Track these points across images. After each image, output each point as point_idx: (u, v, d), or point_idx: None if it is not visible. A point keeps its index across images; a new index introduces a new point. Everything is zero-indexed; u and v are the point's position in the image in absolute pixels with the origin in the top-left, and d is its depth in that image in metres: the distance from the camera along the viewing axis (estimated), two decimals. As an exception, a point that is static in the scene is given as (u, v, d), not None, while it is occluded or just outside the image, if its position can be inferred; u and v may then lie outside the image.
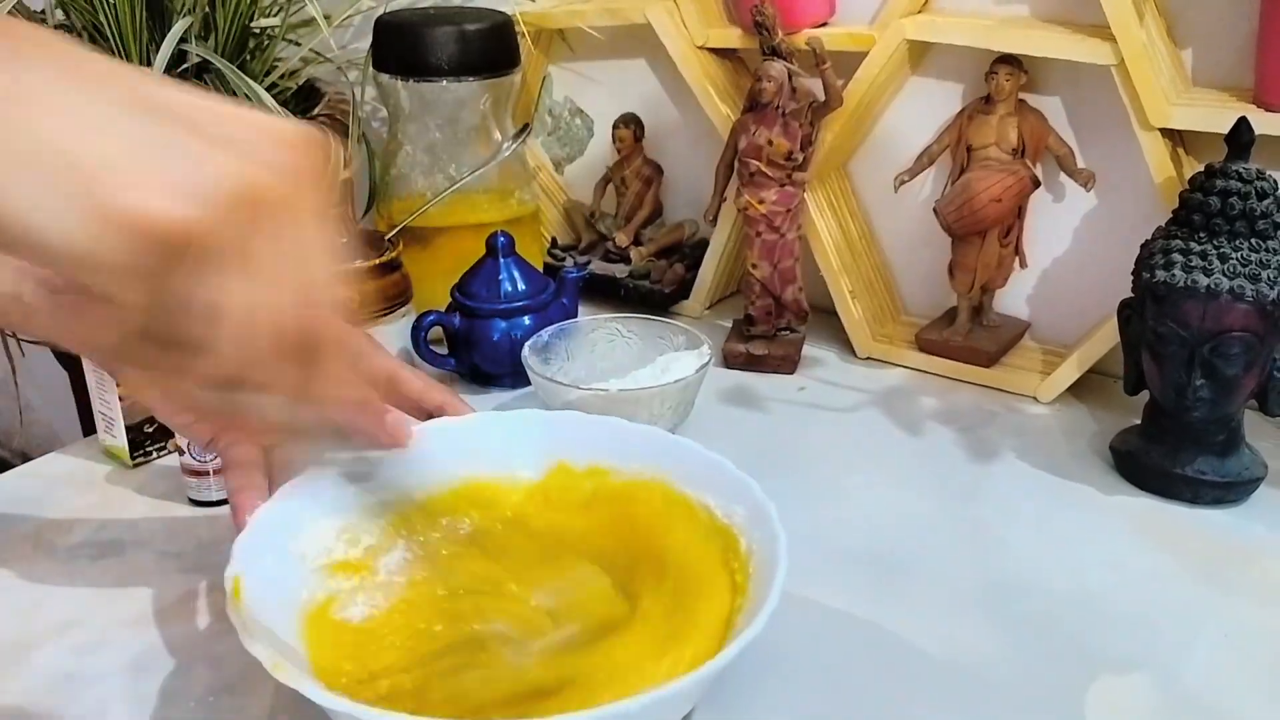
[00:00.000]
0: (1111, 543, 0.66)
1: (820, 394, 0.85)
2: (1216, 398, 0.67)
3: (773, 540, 0.49)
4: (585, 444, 0.59)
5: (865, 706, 0.52)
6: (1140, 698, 0.54)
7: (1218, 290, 0.65)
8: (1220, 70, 0.78)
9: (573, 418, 0.61)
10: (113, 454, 0.73)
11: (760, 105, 0.83)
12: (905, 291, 0.97)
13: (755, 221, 0.85)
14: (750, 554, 0.51)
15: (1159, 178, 0.76)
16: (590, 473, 0.59)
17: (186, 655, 0.55)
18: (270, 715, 0.51)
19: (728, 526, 0.53)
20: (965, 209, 0.82)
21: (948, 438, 0.78)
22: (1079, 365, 0.81)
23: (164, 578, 0.62)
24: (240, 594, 0.46)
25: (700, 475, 0.56)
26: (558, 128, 1.09)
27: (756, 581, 0.49)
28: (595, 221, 1.05)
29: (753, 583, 0.49)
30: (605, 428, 0.60)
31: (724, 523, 0.53)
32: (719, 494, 0.55)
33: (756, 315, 0.88)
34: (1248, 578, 0.63)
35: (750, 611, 0.46)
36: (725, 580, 0.51)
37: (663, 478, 0.57)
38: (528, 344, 0.75)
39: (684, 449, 0.57)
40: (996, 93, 0.81)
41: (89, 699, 0.52)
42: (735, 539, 0.52)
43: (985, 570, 0.63)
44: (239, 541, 0.49)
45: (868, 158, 0.94)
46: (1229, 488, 0.68)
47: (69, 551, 0.64)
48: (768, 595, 0.45)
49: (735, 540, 0.52)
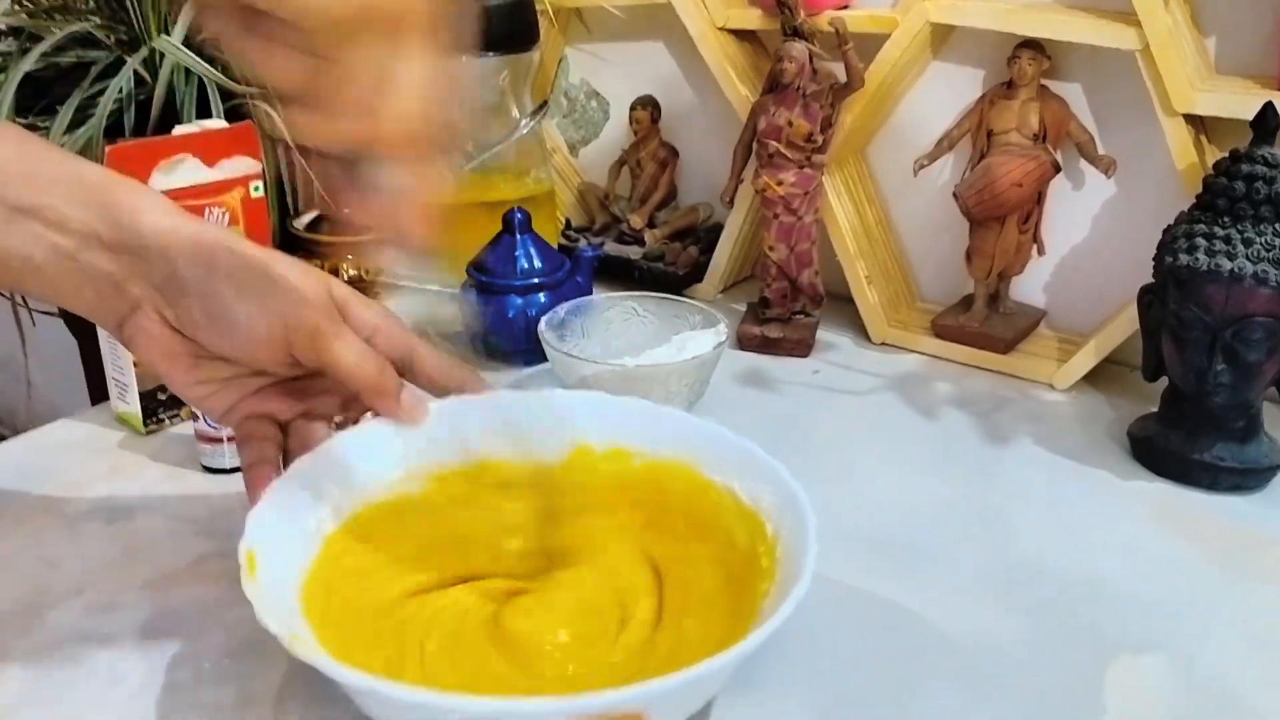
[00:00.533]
0: (1128, 528, 0.66)
1: (834, 377, 0.85)
2: (1237, 383, 0.66)
3: (803, 525, 0.48)
4: (606, 425, 0.58)
5: (880, 687, 0.52)
6: (1156, 682, 0.53)
7: (1241, 274, 0.64)
8: (1243, 59, 0.77)
9: (594, 398, 0.60)
10: (125, 420, 0.72)
11: (781, 86, 0.82)
12: (921, 278, 0.96)
13: (773, 203, 0.85)
14: (778, 538, 0.50)
15: (1181, 164, 0.75)
16: (611, 455, 0.58)
17: (199, 619, 0.55)
18: (283, 681, 0.51)
19: (754, 511, 0.52)
20: (985, 193, 0.81)
21: (962, 423, 0.78)
22: (1096, 353, 0.81)
23: (177, 543, 0.61)
24: (255, 568, 0.46)
25: (726, 459, 0.55)
26: (573, 110, 1.09)
27: (784, 566, 0.48)
28: (610, 204, 1.04)
29: (780, 567, 0.48)
30: (627, 409, 0.58)
31: (750, 507, 0.53)
32: (745, 478, 0.54)
33: (772, 298, 0.88)
34: (1265, 565, 0.63)
35: (777, 595, 0.46)
36: (751, 565, 0.51)
37: (686, 461, 0.56)
38: (544, 319, 0.75)
39: (709, 432, 0.56)
40: (1019, 77, 0.81)
41: (100, 660, 0.52)
42: (762, 524, 0.51)
43: (1000, 554, 0.63)
44: (253, 515, 0.49)
45: (886, 143, 0.93)
46: (1248, 474, 0.68)
47: (81, 516, 0.64)
48: (798, 579, 0.44)
49: (762, 525, 0.51)
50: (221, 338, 0.50)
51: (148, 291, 0.49)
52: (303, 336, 0.50)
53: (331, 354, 0.50)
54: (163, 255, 0.49)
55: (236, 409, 0.54)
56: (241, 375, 0.53)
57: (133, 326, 0.50)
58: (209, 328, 0.50)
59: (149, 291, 0.49)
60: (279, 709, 0.49)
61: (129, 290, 0.49)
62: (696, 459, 0.56)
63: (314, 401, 0.55)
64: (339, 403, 0.56)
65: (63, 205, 0.48)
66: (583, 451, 0.58)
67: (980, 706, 0.51)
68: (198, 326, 0.50)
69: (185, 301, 0.49)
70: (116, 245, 0.49)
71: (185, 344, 0.51)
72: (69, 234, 0.48)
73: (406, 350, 0.55)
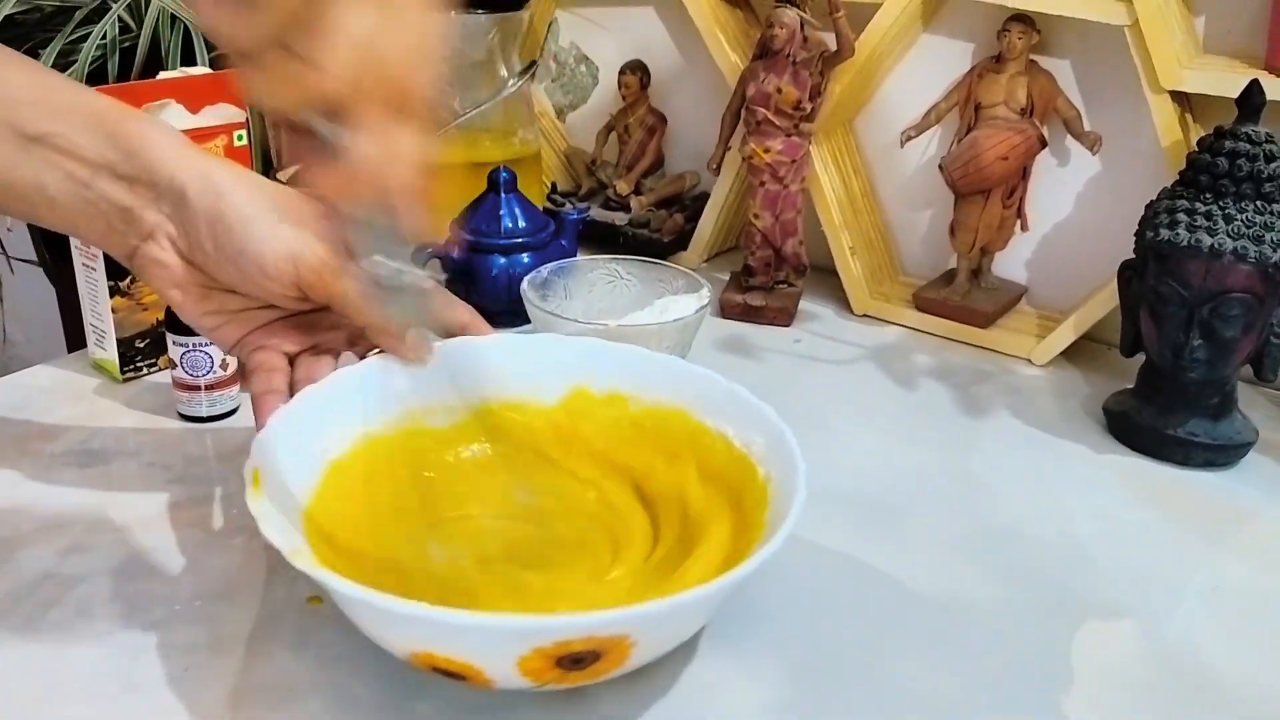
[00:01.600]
0: (1101, 497, 0.66)
1: (815, 347, 0.85)
2: (1213, 359, 0.67)
3: (792, 468, 0.49)
4: (606, 370, 0.59)
5: (854, 647, 0.52)
6: (1125, 645, 0.54)
7: (1221, 250, 0.65)
8: (1231, 39, 0.78)
9: (594, 344, 0.60)
10: (103, 367, 0.72)
11: (771, 52, 0.82)
12: (905, 251, 0.96)
13: (759, 171, 0.85)
14: (769, 481, 0.50)
15: (1166, 141, 0.75)
16: (609, 399, 0.59)
17: (172, 562, 0.55)
18: (255, 623, 0.51)
19: (745, 455, 0.53)
20: (971, 166, 0.82)
21: (941, 393, 0.78)
22: (1075, 329, 0.81)
23: (151, 488, 0.61)
24: (260, 484, 0.46)
25: (719, 405, 0.56)
26: (562, 74, 1.08)
27: (774, 508, 0.49)
28: (596, 169, 1.04)
29: (769, 509, 0.49)
30: (627, 355, 0.59)
31: (741, 451, 0.53)
32: (736, 423, 0.54)
33: (756, 266, 0.88)
34: (1236, 538, 0.63)
35: (766, 534, 0.46)
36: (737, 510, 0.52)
37: (682, 406, 0.57)
38: (527, 279, 0.75)
39: (704, 378, 0.57)
40: (1008, 51, 0.81)
41: (71, 599, 0.52)
42: (753, 467, 0.52)
43: (975, 519, 0.63)
44: (260, 437, 0.49)
45: (874, 114, 0.93)
46: (1220, 450, 0.69)
47: (55, 459, 0.63)
48: (785, 517, 0.45)
49: (753, 469, 0.52)
50: (229, 268, 0.50)
51: (160, 220, 0.49)
52: (310, 270, 0.50)
53: (340, 287, 0.50)
54: (171, 183, 0.49)
55: (245, 341, 0.53)
56: (251, 308, 0.53)
57: (144, 256, 0.50)
58: (217, 257, 0.50)
59: (161, 220, 0.49)
60: (251, 650, 0.49)
61: (142, 219, 0.49)
62: (691, 404, 0.57)
63: (322, 336, 0.55)
64: (346, 338, 0.56)
65: (75, 134, 0.48)
66: (581, 394, 0.59)
67: (953, 667, 0.51)
68: (207, 256, 0.50)
69: (195, 231, 0.49)
70: (129, 175, 0.48)
71: (196, 274, 0.51)
72: (82, 162, 0.48)
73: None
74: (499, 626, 0.39)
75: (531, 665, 0.40)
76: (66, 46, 0.85)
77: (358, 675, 0.48)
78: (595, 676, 0.43)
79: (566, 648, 0.40)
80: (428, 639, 0.41)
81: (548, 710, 0.47)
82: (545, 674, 0.41)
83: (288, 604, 0.52)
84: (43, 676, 0.47)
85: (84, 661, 0.48)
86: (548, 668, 0.41)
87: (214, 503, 0.60)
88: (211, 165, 0.50)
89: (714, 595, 0.42)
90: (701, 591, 0.41)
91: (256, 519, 0.43)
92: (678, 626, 0.46)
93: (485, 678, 0.42)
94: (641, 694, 0.48)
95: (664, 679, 0.49)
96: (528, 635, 0.40)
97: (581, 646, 0.40)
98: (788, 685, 0.49)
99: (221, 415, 0.67)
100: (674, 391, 0.57)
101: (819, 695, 0.49)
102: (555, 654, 0.40)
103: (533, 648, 0.40)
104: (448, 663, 0.41)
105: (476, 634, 0.40)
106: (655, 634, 0.44)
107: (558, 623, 0.40)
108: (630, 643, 0.41)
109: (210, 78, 0.72)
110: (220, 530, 0.57)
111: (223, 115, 0.71)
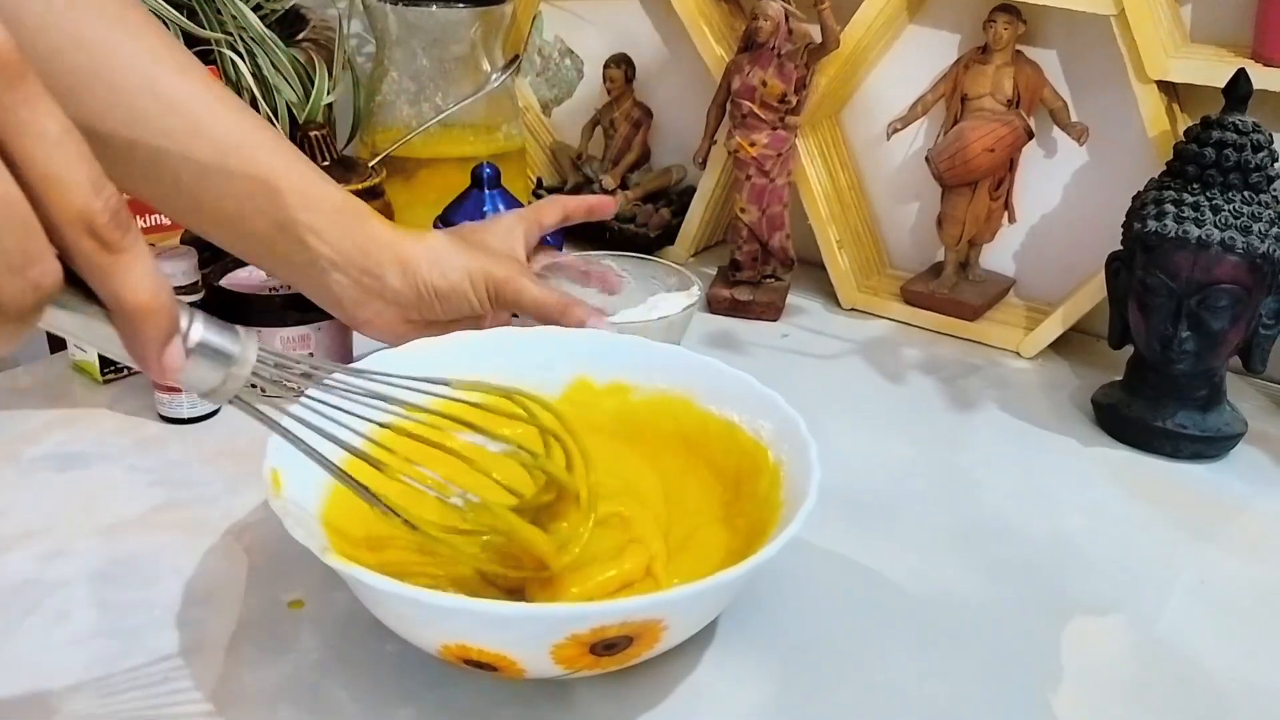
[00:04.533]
0: (1090, 491, 0.66)
1: (803, 341, 0.84)
2: (1201, 350, 0.66)
3: (804, 449, 0.49)
4: (607, 360, 0.59)
5: (844, 643, 0.52)
6: (1114, 639, 0.53)
7: (1208, 241, 0.64)
8: (1218, 27, 0.77)
9: (593, 334, 0.61)
10: (82, 369, 0.71)
11: (756, 45, 0.82)
12: (892, 245, 0.96)
13: (745, 165, 0.84)
14: (780, 464, 0.51)
15: (1153, 131, 0.75)
16: (612, 389, 0.59)
17: (152, 567, 0.54)
18: (236, 627, 0.50)
19: (755, 439, 0.53)
20: (958, 158, 0.81)
21: (929, 387, 0.78)
22: (1063, 321, 0.81)
23: (132, 491, 0.60)
24: (280, 485, 0.46)
25: (725, 391, 0.56)
26: (547, 68, 1.07)
27: (788, 488, 0.49)
28: (582, 164, 1.03)
29: (784, 489, 0.49)
30: (628, 345, 0.59)
31: (752, 436, 0.53)
32: (743, 409, 0.54)
33: (743, 260, 0.88)
34: (1225, 530, 0.63)
35: (786, 515, 0.46)
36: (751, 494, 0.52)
37: (686, 394, 0.57)
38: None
39: (706, 366, 0.57)
40: (994, 42, 0.80)
41: (50, 605, 0.51)
42: (765, 451, 0.52)
43: (963, 513, 0.63)
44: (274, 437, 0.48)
45: (861, 107, 0.93)
46: (1209, 442, 0.68)
47: (34, 462, 0.62)
48: (805, 497, 0.45)
49: (764, 453, 0.52)
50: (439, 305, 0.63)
51: (386, 305, 0.62)
52: (502, 285, 0.63)
53: (530, 294, 0.63)
54: (399, 272, 0.61)
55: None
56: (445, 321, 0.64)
57: (366, 326, 0.64)
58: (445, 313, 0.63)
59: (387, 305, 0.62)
60: (231, 655, 0.48)
61: (367, 304, 0.62)
62: (695, 391, 0.57)
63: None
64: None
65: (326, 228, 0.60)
66: (583, 385, 0.59)
67: (942, 664, 0.51)
68: (436, 314, 0.63)
69: (430, 305, 0.63)
70: (362, 268, 0.61)
71: (411, 327, 0.63)
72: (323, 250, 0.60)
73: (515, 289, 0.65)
74: (537, 615, 0.40)
75: (566, 653, 0.40)
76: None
77: (339, 681, 0.47)
78: (626, 661, 0.43)
79: (602, 634, 0.40)
80: (463, 631, 0.41)
81: (538, 715, 0.46)
82: (579, 660, 0.41)
83: (269, 608, 0.52)
84: (20, 685, 0.46)
85: (63, 670, 0.47)
86: (581, 654, 0.41)
87: (194, 505, 0.59)
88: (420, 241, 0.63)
89: (743, 576, 0.42)
90: (732, 574, 0.41)
91: (281, 518, 0.43)
92: (709, 608, 0.46)
93: (519, 668, 0.42)
94: (631, 696, 0.47)
95: (653, 681, 0.48)
96: (566, 622, 0.40)
97: (617, 632, 0.40)
98: (777, 684, 0.49)
99: (202, 417, 0.67)
100: (676, 379, 0.57)
101: (808, 694, 0.48)
102: (591, 640, 0.40)
103: (569, 634, 0.40)
104: (481, 654, 0.41)
105: (514, 624, 0.40)
106: (687, 616, 0.44)
107: (595, 610, 0.40)
108: (663, 626, 0.42)
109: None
110: (201, 533, 0.57)
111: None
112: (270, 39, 0.88)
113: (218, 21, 0.88)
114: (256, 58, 0.89)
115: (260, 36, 0.88)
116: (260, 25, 0.88)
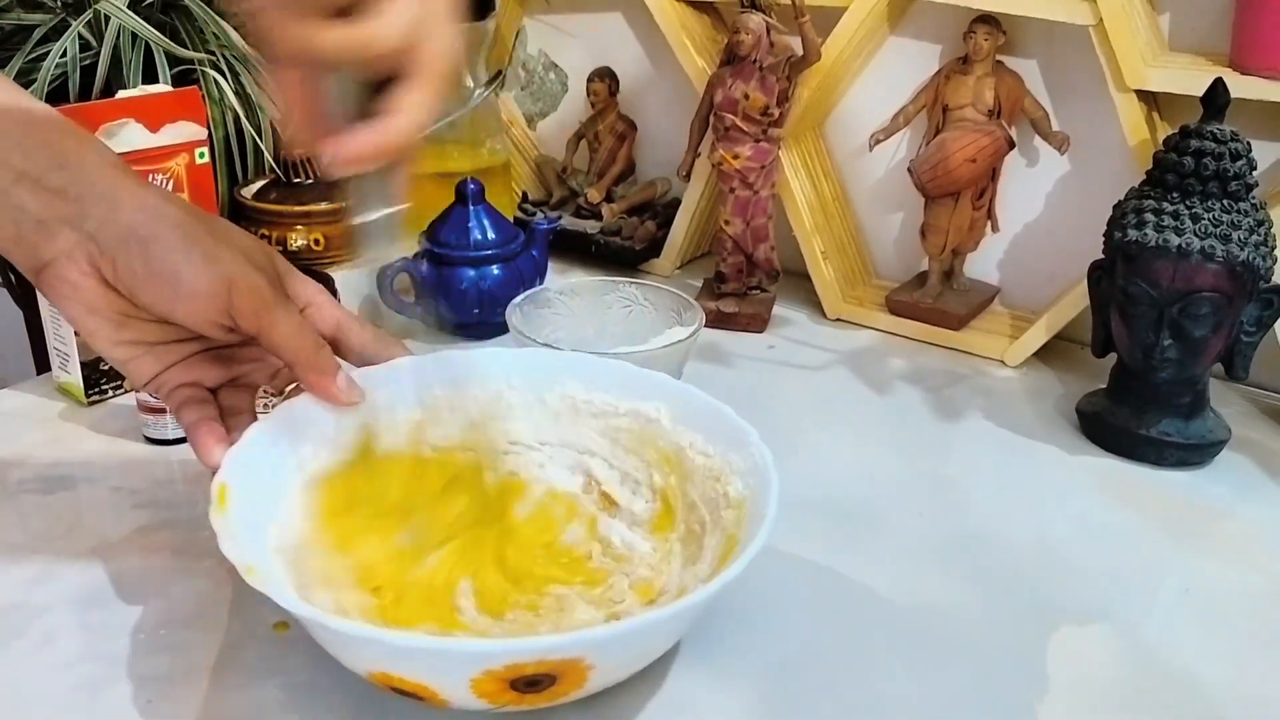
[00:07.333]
0: (1075, 499, 0.66)
1: (789, 352, 0.84)
2: (1184, 358, 0.67)
3: (766, 487, 0.48)
4: (589, 383, 0.58)
5: (830, 654, 0.52)
6: (1100, 648, 0.54)
7: (1189, 250, 0.65)
8: (1196, 36, 0.78)
9: (578, 357, 0.59)
10: (67, 390, 0.71)
11: (737, 58, 0.82)
12: (876, 255, 0.96)
13: (729, 177, 0.85)
14: (744, 500, 0.50)
15: (1133, 140, 0.75)
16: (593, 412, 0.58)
17: (138, 590, 0.54)
18: (221, 650, 0.50)
19: (723, 472, 0.52)
20: (940, 169, 0.82)
21: (914, 397, 0.78)
22: (1047, 329, 0.81)
23: (117, 513, 0.60)
24: (225, 501, 0.45)
25: (698, 419, 0.55)
26: (531, 82, 1.08)
27: (748, 527, 0.48)
28: (567, 178, 1.04)
29: (744, 528, 0.48)
30: (610, 368, 0.58)
31: (719, 468, 0.52)
32: (715, 439, 0.53)
33: (728, 272, 0.88)
34: (1210, 538, 0.63)
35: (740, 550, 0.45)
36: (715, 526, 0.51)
37: (661, 420, 0.56)
38: (526, 295, 0.71)
39: (684, 393, 0.56)
40: (975, 53, 0.81)
41: (35, 630, 0.51)
42: (728, 483, 0.51)
43: (949, 523, 0.63)
44: (231, 452, 0.48)
45: (843, 118, 0.93)
46: (1193, 450, 0.69)
47: (19, 485, 0.62)
48: (755, 535, 0.44)
49: (728, 485, 0.51)
50: (161, 291, 0.47)
51: (81, 240, 0.47)
52: (245, 298, 0.48)
53: (271, 318, 0.48)
54: (103, 199, 0.47)
55: (162, 378, 0.51)
56: (169, 340, 0.51)
57: (53, 275, 0.47)
58: (148, 278, 0.47)
59: (82, 240, 0.47)
60: (216, 679, 0.48)
61: (55, 234, 0.47)
62: (670, 419, 0.56)
63: (242, 368, 0.54)
64: (269, 372, 0.54)
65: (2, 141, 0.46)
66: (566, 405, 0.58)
67: (928, 674, 0.51)
68: (136, 278, 0.47)
69: (127, 250, 0.47)
70: (54, 187, 0.46)
71: (114, 300, 0.48)
72: (3, 167, 0.46)
73: (336, 326, 0.54)
74: (447, 649, 0.39)
75: (485, 687, 0.40)
76: (26, 65, 0.84)
77: (324, 703, 0.47)
78: (554, 699, 0.42)
79: (518, 670, 0.39)
80: (382, 659, 0.41)
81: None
82: (501, 696, 0.41)
83: (254, 630, 0.51)
84: (6, 710, 0.46)
85: (48, 695, 0.47)
86: (502, 690, 0.40)
87: (180, 527, 0.59)
88: (147, 188, 0.49)
89: (671, 619, 0.41)
90: (658, 615, 0.41)
91: (218, 535, 0.43)
92: (637, 650, 0.44)
93: (441, 699, 0.41)
94: (604, 711, 0.47)
95: (631, 695, 0.48)
96: (477, 658, 0.39)
97: (534, 670, 0.39)
98: (760, 697, 0.49)
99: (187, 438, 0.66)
100: (654, 405, 0.56)
101: (792, 707, 0.48)
102: (507, 676, 0.39)
103: (483, 670, 0.39)
104: (403, 683, 0.41)
105: (427, 656, 0.39)
106: (613, 658, 0.43)
107: (506, 646, 0.39)
108: (586, 666, 0.40)
109: (170, 96, 0.71)
110: (186, 555, 0.57)
111: (183, 133, 0.70)
112: (253, 57, 0.88)
113: (200, 41, 0.88)
114: (240, 76, 0.89)
115: (243, 55, 0.88)
116: (243, 43, 0.89)
